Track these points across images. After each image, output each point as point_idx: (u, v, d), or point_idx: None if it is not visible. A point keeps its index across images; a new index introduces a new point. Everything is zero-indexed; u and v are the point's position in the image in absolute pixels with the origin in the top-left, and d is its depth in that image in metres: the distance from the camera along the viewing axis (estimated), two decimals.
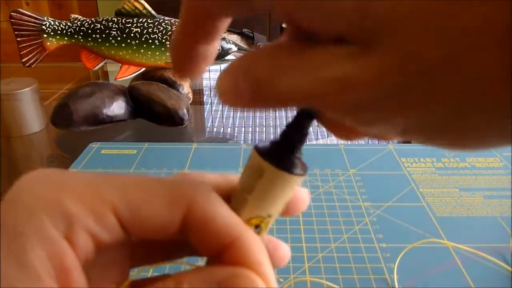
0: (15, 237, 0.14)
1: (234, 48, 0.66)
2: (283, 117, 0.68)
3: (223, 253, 0.17)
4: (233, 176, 0.19)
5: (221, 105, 0.73)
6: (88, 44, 0.65)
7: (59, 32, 0.65)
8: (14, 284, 0.13)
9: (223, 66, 0.91)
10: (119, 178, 0.16)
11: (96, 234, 0.15)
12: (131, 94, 0.61)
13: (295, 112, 0.17)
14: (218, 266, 0.16)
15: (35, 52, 0.66)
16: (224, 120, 0.67)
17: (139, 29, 0.63)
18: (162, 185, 0.17)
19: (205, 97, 0.78)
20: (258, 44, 1.00)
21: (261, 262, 0.17)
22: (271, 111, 0.70)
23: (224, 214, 0.17)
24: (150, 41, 0.63)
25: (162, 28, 0.63)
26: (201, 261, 0.19)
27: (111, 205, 0.15)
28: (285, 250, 0.20)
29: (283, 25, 2.36)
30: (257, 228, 0.18)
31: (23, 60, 0.65)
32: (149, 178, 0.17)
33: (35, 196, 0.15)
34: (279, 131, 0.63)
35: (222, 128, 0.65)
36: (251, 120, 0.67)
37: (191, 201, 0.16)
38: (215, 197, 0.17)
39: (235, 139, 0.61)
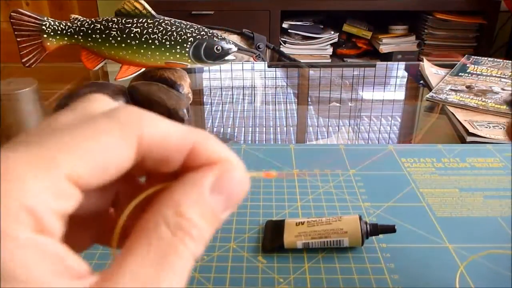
0: None
1: (234, 48, 0.66)
2: (283, 117, 0.68)
3: (188, 162, 0.17)
4: None
5: (221, 105, 0.73)
6: (88, 44, 0.65)
7: (59, 32, 0.65)
8: None
9: (223, 66, 0.91)
10: (68, 137, 0.15)
11: (61, 209, 0.14)
12: (131, 94, 0.61)
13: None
14: (200, 174, 0.16)
15: (35, 52, 0.65)
16: (224, 120, 0.67)
17: (139, 29, 0.63)
18: (108, 124, 0.16)
19: (205, 97, 0.78)
20: (258, 44, 1.00)
21: (230, 153, 0.17)
22: (271, 111, 0.70)
23: (175, 125, 0.17)
24: (150, 41, 0.63)
25: (162, 28, 0.63)
26: None
27: (65, 172, 0.14)
28: None
29: (283, 25, 2.35)
30: None
31: (23, 60, 0.65)
32: (89, 122, 0.16)
33: None
34: (279, 131, 0.63)
35: (222, 128, 0.65)
36: (251, 120, 0.67)
37: (140, 127, 0.16)
38: (157, 116, 0.17)
39: (235, 139, 0.61)
